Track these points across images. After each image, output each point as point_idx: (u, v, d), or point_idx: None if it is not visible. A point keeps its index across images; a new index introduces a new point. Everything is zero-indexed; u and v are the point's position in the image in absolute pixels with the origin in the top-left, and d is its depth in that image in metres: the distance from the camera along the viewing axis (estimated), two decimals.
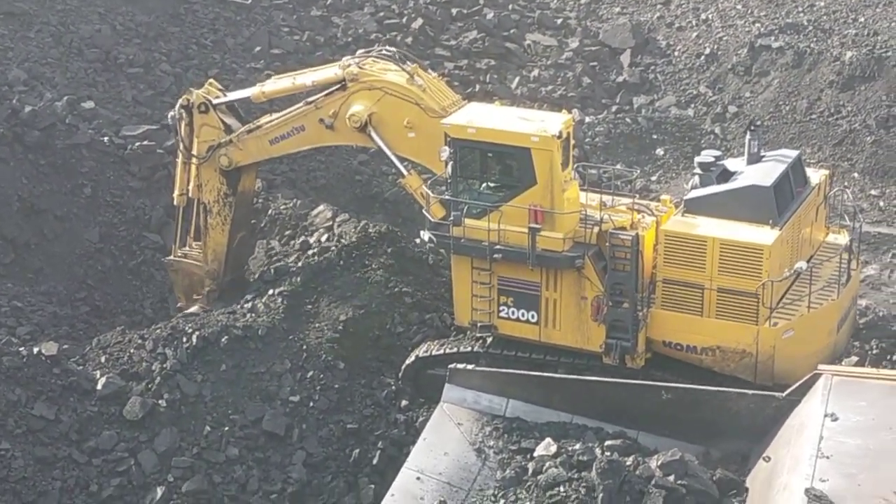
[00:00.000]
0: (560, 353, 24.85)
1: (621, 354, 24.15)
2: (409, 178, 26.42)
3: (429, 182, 26.03)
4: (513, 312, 24.85)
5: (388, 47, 28.07)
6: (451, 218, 24.66)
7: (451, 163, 24.55)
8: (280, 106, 29.00)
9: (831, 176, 27.44)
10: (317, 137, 27.29)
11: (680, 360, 24.17)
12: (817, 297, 23.85)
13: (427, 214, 25.32)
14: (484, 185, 25.01)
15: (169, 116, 28.63)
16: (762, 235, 23.30)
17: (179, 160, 28.44)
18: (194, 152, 27.81)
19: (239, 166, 27.90)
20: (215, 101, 27.77)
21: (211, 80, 28.97)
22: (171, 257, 29.19)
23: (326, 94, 26.70)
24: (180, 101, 27.99)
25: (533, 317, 24.72)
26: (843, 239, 25.92)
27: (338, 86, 26.51)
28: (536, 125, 24.21)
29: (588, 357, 24.66)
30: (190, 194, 28.25)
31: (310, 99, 27.08)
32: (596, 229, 24.23)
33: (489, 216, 24.28)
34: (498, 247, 24.29)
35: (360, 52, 27.71)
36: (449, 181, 24.85)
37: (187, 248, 29.08)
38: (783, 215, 23.86)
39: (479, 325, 25.04)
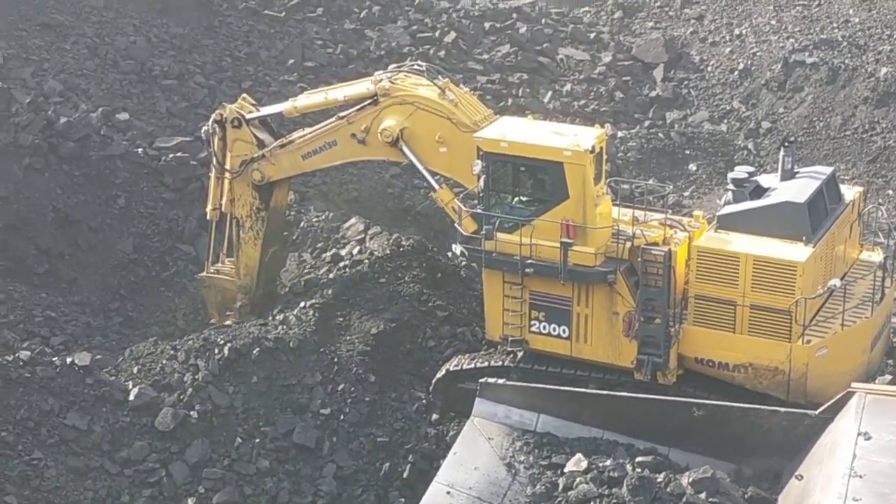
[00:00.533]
0: (591, 369, 24.79)
1: (653, 370, 24.06)
2: (441, 191, 26.45)
3: (460, 196, 26.04)
4: (544, 327, 24.80)
5: (419, 62, 28.15)
6: (483, 232, 24.65)
7: (483, 176, 24.55)
8: (312, 121, 29.11)
9: (865, 193, 27.30)
10: (349, 152, 27.36)
11: (712, 376, 24.07)
12: (851, 315, 23.71)
13: (458, 228, 25.33)
14: (516, 199, 25.00)
15: (202, 131, 28.76)
16: (795, 252, 23.19)
17: (213, 175, 28.56)
18: (227, 167, 27.91)
19: (271, 181, 27.98)
20: (248, 116, 27.87)
21: (244, 96, 29.12)
22: (204, 274, 29.31)
23: (358, 109, 26.77)
24: (213, 115, 28.12)
25: (564, 332, 24.68)
26: (877, 256, 25.77)
27: (370, 101, 26.57)
28: (569, 139, 24.19)
29: (619, 373, 24.60)
30: (223, 209, 28.37)
31: (342, 114, 27.16)
32: (628, 244, 24.17)
33: (521, 230, 24.27)
34: (529, 261, 24.27)
35: (391, 66, 27.83)
36: (481, 195, 24.85)
37: (220, 264, 29.19)
38: (817, 232, 23.75)
39: (510, 339, 25.01)
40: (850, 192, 25.92)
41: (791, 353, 23.19)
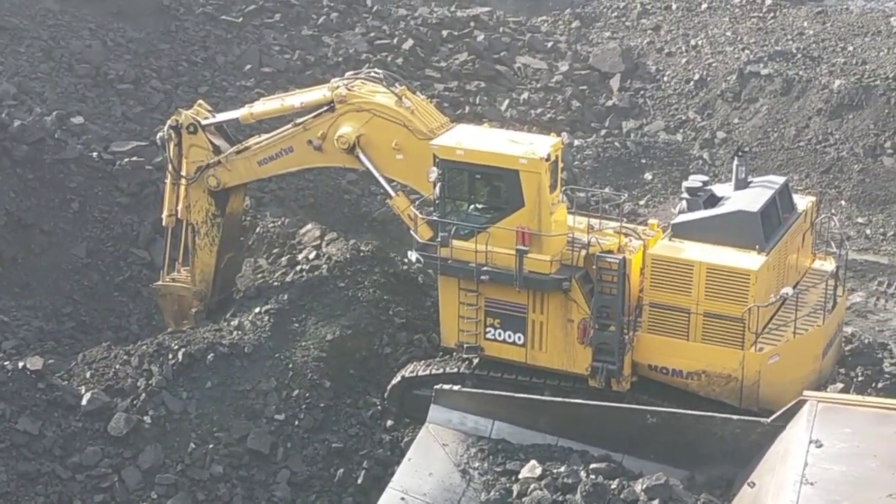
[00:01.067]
0: (546, 376, 24.85)
1: (607, 378, 24.16)
2: (397, 199, 26.46)
3: (416, 203, 26.06)
4: (499, 334, 24.86)
5: (376, 69, 28.18)
6: (439, 239, 24.68)
7: (439, 184, 24.59)
8: (269, 127, 29.06)
9: (818, 203, 27.54)
10: (305, 159, 27.32)
11: (666, 384, 24.19)
12: (803, 323, 23.92)
13: (415, 235, 25.34)
14: (472, 206, 25.06)
15: (157, 137, 28.66)
16: (749, 261, 23.37)
17: (168, 181, 28.40)
18: (183, 173, 27.80)
19: (227, 187, 27.89)
20: (204, 122, 27.78)
21: (200, 102, 28.99)
22: (160, 282, 29.17)
23: (315, 116, 26.75)
24: (169, 121, 28.00)
25: (520, 339, 24.74)
26: (829, 265, 26.02)
27: (326, 107, 26.56)
28: (525, 147, 24.27)
29: (574, 380, 24.67)
30: (179, 215, 28.25)
31: (298, 120, 27.14)
32: (583, 252, 24.27)
33: (477, 237, 24.30)
34: (485, 268, 24.31)
35: (348, 73, 27.83)
36: (437, 202, 24.88)
37: (175, 273, 29.06)
38: (770, 241, 23.94)
39: (465, 346, 25.05)
40: (802, 201, 26.16)
41: (744, 360, 23.36)
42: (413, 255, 25.37)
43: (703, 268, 23.37)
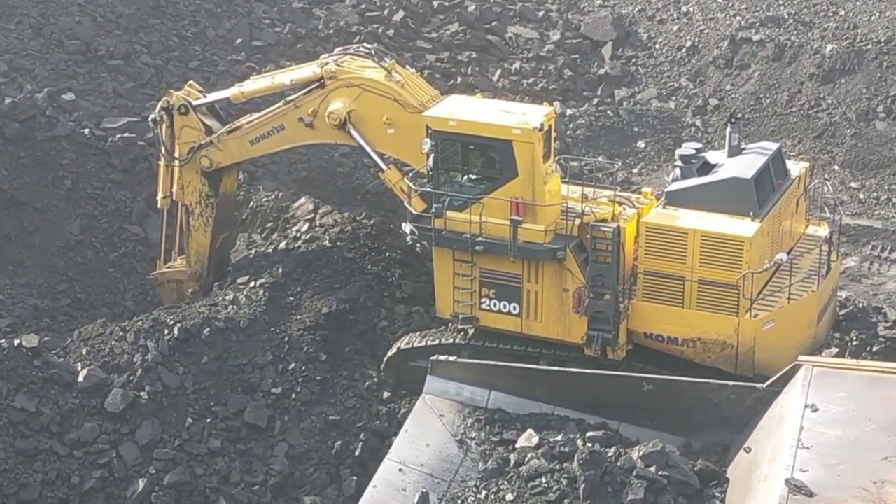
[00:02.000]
0: (541, 345, 24.90)
1: (603, 346, 24.21)
2: (389, 172, 26.44)
3: (409, 175, 26.04)
4: (494, 304, 24.88)
5: (365, 44, 28.19)
6: (433, 210, 24.66)
7: (432, 155, 24.56)
8: (260, 105, 28.99)
9: (811, 168, 27.54)
10: (297, 136, 27.30)
11: (661, 351, 24.25)
12: (798, 289, 23.97)
13: (408, 207, 25.33)
14: (465, 177, 25.03)
15: (150, 119, 28.62)
16: (743, 227, 23.39)
17: (162, 162, 28.38)
18: (175, 154, 27.74)
19: (220, 167, 27.85)
20: (195, 103, 27.73)
21: (191, 82, 28.96)
22: (156, 272, 29.14)
23: (305, 93, 26.73)
24: (160, 103, 27.99)
25: (515, 309, 24.76)
26: (822, 231, 26.05)
27: (316, 84, 26.50)
28: (518, 117, 24.23)
29: (569, 349, 24.72)
30: (174, 196, 28.21)
31: (288, 98, 27.11)
32: (577, 221, 24.27)
33: (471, 208, 24.29)
34: (479, 239, 24.31)
35: (337, 49, 27.78)
36: (430, 173, 24.86)
37: (172, 261, 29.09)
38: (764, 207, 23.96)
39: (460, 317, 25.07)
40: (796, 167, 26.17)
41: (739, 327, 23.41)
42: (407, 227, 25.37)
43: (698, 235, 23.39)
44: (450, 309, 25.19)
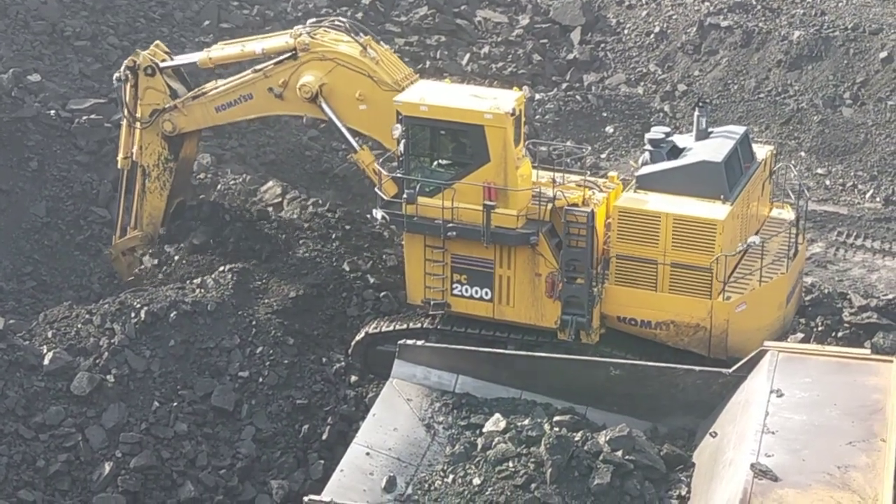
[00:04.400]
0: (510, 330, 24.94)
1: (576, 330, 24.27)
2: (362, 153, 26.37)
3: (380, 160, 25.95)
4: (466, 290, 24.89)
5: (340, 18, 27.81)
6: (405, 196, 24.59)
7: (403, 140, 24.48)
8: (226, 73, 28.75)
9: (776, 152, 27.69)
10: (265, 106, 27.06)
11: (634, 335, 24.33)
12: (767, 271, 24.13)
13: (379, 192, 25.24)
14: (435, 162, 24.99)
15: (114, 77, 28.19)
16: (714, 211, 23.53)
17: (124, 123, 28.01)
18: (137, 115, 27.37)
19: (182, 132, 27.53)
20: (162, 65, 27.36)
21: (157, 42, 28.52)
22: (111, 248, 29.01)
23: (276, 63, 26.43)
24: (126, 62, 27.56)
25: (487, 294, 24.78)
26: (786, 214, 26.26)
27: (288, 55, 26.23)
28: (489, 102, 24.22)
29: (538, 333, 24.76)
30: (134, 157, 27.89)
31: (258, 66, 26.82)
32: (549, 206, 24.30)
33: (443, 194, 24.25)
34: (450, 224, 24.28)
35: (310, 20, 27.45)
36: (401, 159, 24.79)
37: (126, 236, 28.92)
38: (733, 190, 24.10)
39: (432, 303, 25.05)
40: (761, 150, 26.34)
41: (712, 309, 23.56)
42: (378, 213, 25.29)
43: (670, 219, 23.50)
44: (421, 295, 25.17)
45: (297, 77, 26.11)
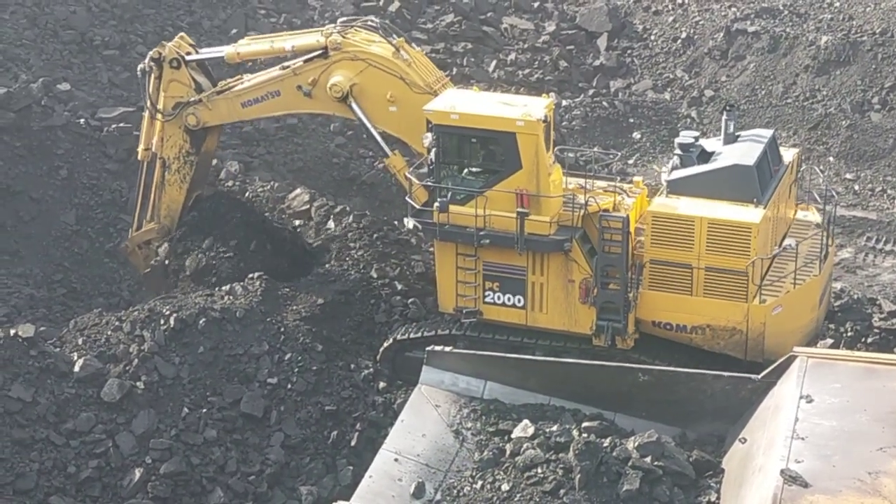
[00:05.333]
0: (538, 336, 24.93)
1: (612, 336, 24.23)
2: (393, 158, 26.28)
3: (410, 169, 25.86)
4: (498, 297, 24.85)
5: (373, 18, 27.51)
6: (437, 205, 24.45)
7: (434, 149, 24.43)
8: (251, 69, 28.57)
9: (801, 154, 27.65)
10: (292, 104, 26.88)
11: (669, 339, 24.30)
12: (800, 273, 24.13)
13: (411, 201, 25.16)
14: (466, 170, 24.94)
15: (138, 69, 27.99)
16: (749, 214, 23.54)
17: (146, 114, 27.85)
18: (159, 107, 27.24)
19: (206, 126, 27.36)
20: (188, 58, 27.13)
21: (182, 35, 28.27)
22: (126, 242, 28.88)
23: (306, 61, 26.23)
24: (151, 53, 27.38)
25: (519, 301, 24.76)
26: (812, 216, 26.25)
27: (318, 53, 26.04)
28: (521, 110, 24.19)
29: (565, 339, 24.74)
30: (154, 149, 27.76)
31: (286, 63, 26.56)
32: (581, 212, 24.30)
33: (476, 202, 24.17)
34: (483, 232, 24.24)
35: (342, 19, 27.15)
36: (431, 167, 24.76)
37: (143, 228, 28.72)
38: (765, 194, 24.09)
39: (464, 311, 24.99)
40: (787, 153, 26.32)
41: (748, 312, 23.53)
42: (410, 222, 25.20)
43: (705, 223, 23.47)
44: (453, 303, 25.13)
45: (328, 76, 25.94)
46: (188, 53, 27.32)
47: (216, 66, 28.82)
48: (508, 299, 24.82)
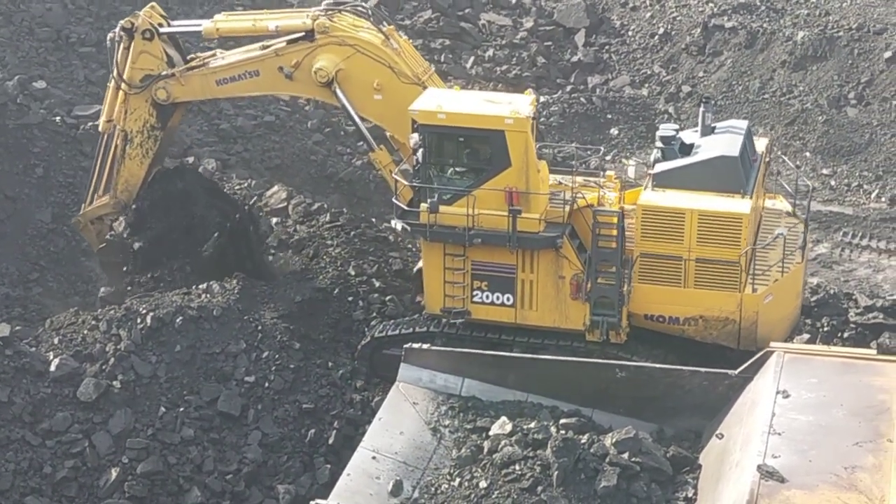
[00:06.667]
0: (514, 333, 24.91)
1: (607, 331, 24.25)
2: (379, 153, 26.01)
3: (396, 171, 25.47)
4: (487, 296, 24.78)
5: (362, 3, 26.87)
6: (427, 206, 24.23)
7: (420, 149, 24.30)
8: (224, 46, 27.85)
9: (771, 143, 27.77)
10: (271, 85, 26.39)
11: (662, 332, 24.34)
12: (786, 262, 24.30)
13: (397, 202, 24.89)
14: (450, 169, 24.80)
15: (107, 38, 27.21)
16: (738, 205, 23.67)
17: (111, 84, 27.01)
18: (125, 77, 26.41)
19: (176, 102, 26.69)
20: (162, 30, 26.39)
21: (153, 4, 27.22)
22: (78, 216, 28.10)
23: (290, 42, 25.73)
24: (122, 22, 26.54)
25: (508, 299, 24.70)
26: (780, 204, 26.41)
27: (303, 35, 25.56)
28: (508, 107, 24.12)
29: (543, 335, 24.72)
30: (115, 120, 27.00)
31: (268, 43, 26.04)
32: (568, 208, 24.29)
33: (467, 200, 24.00)
34: (473, 231, 24.15)
35: (328, 1, 26.42)
36: (417, 168, 24.62)
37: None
38: (748, 184, 24.19)
39: (452, 311, 24.89)
40: (759, 143, 26.47)
41: (742, 302, 23.62)
42: (398, 224, 24.99)
43: (695, 215, 23.53)
44: (440, 304, 25.01)
45: (312, 59, 25.44)
46: (160, 25, 26.51)
47: (188, 40, 28.16)
48: (497, 298, 24.76)
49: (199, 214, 27.96)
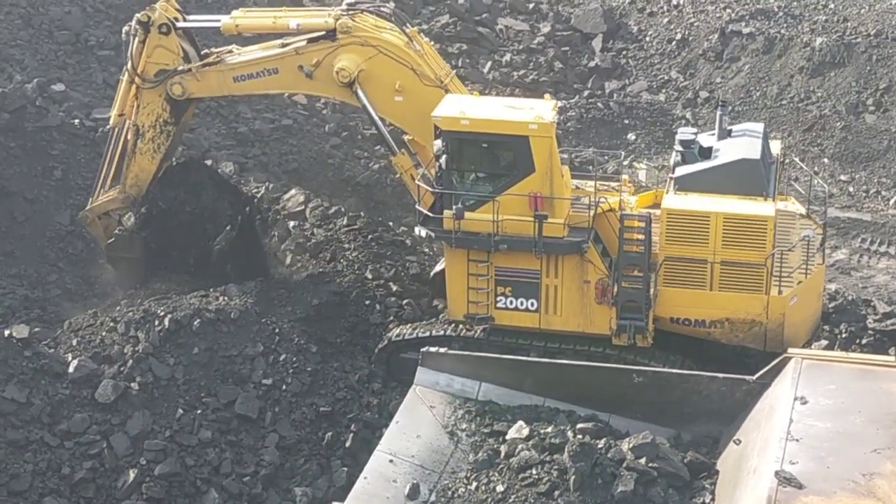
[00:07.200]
0: (532, 337, 24.91)
1: (634, 334, 24.23)
2: (401, 157, 25.84)
3: (418, 177, 25.32)
4: (511, 302, 24.77)
5: (386, 4, 26.75)
6: (454, 212, 24.17)
7: (443, 156, 24.27)
8: (241, 42, 27.69)
9: (784, 146, 27.77)
10: (290, 83, 26.24)
11: (687, 335, 24.33)
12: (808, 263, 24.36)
13: (420, 209, 24.84)
14: (472, 175, 24.73)
15: (123, 31, 27.01)
16: (763, 208, 23.73)
17: (125, 78, 26.71)
18: (139, 71, 26.13)
19: (191, 98, 26.50)
20: (178, 24, 26.17)
21: None
22: (85, 210, 27.95)
23: (310, 41, 25.55)
24: (139, 15, 26.31)
25: (533, 305, 24.68)
26: (792, 206, 26.41)
27: (324, 34, 25.39)
28: (531, 113, 24.12)
29: (560, 339, 24.71)
30: (127, 115, 26.84)
31: (288, 41, 25.87)
32: (591, 212, 24.30)
33: (492, 207, 23.97)
34: (498, 237, 24.12)
35: (348, 0, 26.25)
36: (439, 174, 24.58)
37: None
38: (769, 186, 24.21)
39: (476, 317, 24.87)
40: (774, 145, 26.51)
41: (768, 304, 23.66)
42: (422, 231, 24.97)
43: (720, 218, 23.55)
44: (463, 310, 24.97)
45: (333, 59, 25.25)
46: (176, 19, 26.31)
47: (199, 35, 27.87)
48: (521, 303, 24.74)
49: (209, 208, 27.90)
